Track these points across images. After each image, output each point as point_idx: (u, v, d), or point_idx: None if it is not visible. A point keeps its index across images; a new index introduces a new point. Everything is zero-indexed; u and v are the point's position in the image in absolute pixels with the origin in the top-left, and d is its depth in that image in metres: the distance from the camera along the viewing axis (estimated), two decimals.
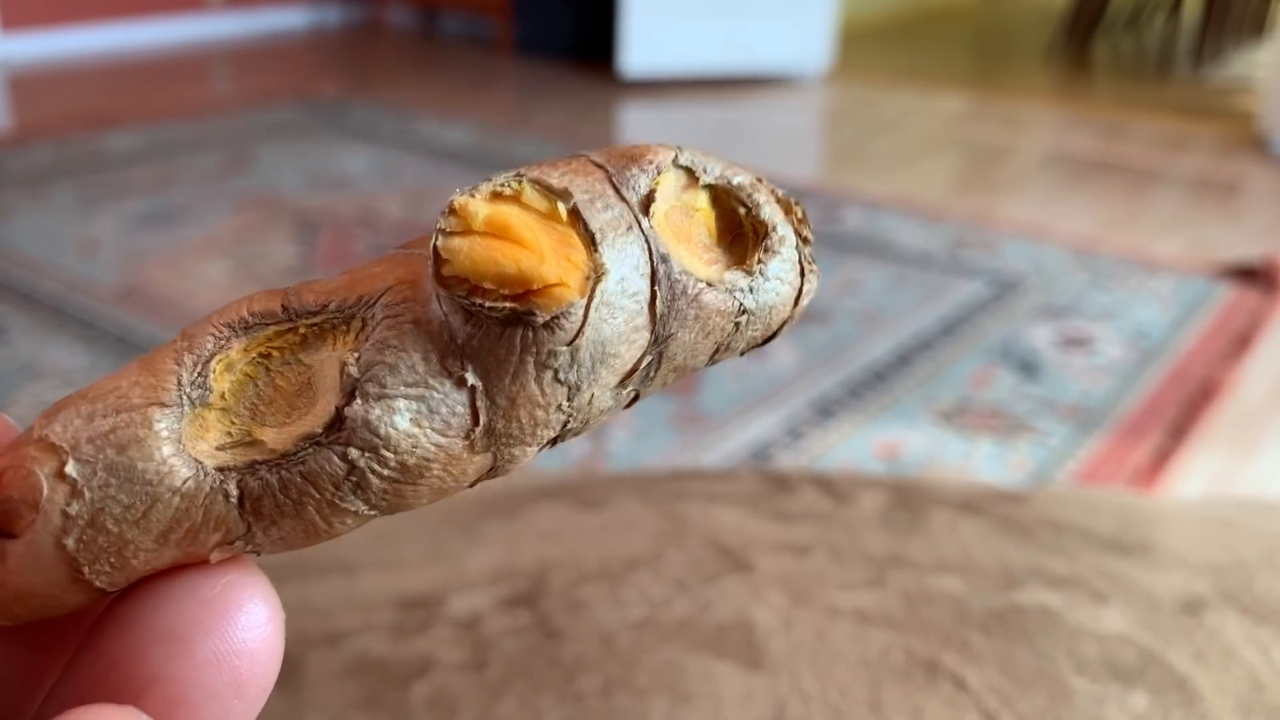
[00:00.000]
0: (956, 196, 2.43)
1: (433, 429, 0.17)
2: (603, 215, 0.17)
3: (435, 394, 0.17)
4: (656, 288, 0.18)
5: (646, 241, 0.18)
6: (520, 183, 0.17)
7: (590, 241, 0.17)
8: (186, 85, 3.33)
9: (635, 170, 0.19)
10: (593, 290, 0.17)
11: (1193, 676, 0.42)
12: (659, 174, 0.19)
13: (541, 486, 0.55)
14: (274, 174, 2.43)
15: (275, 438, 0.17)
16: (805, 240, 0.20)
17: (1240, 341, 1.68)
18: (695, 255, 0.19)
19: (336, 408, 0.16)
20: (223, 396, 0.17)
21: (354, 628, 0.45)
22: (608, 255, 0.17)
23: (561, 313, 0.16)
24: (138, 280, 1.83)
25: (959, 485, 0.55)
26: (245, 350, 0.17)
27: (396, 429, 0.16)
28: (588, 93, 3.32)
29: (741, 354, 0.20)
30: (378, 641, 0.45)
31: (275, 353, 0.18)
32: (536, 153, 2.64)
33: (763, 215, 0.20)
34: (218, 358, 0.17)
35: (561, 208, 0.17)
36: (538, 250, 0.17)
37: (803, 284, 0.20)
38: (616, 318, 0.17)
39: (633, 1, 3.25)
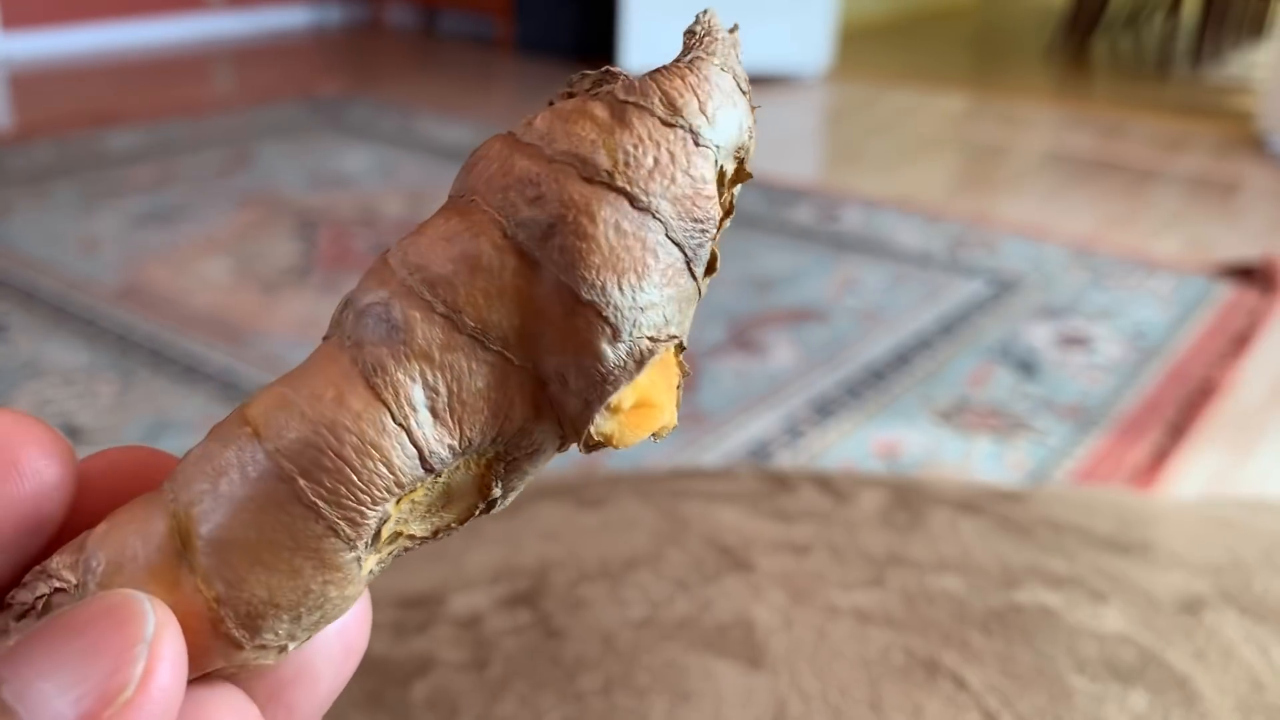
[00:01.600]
0: (955, 196, 2.43)
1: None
2: (687, 322, 0.19)
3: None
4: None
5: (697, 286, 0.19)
6: (669, 346, 0.18)
7: (681, 370, 0.18)
8: (187, 84, 3.33)
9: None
10: (679, 394, 0.18)
11: (1192, 676, 0.42)
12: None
13: (541, 486, 0.55)
14: (274, 172, 2.43)
15: (420, 529, 0.18)
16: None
17: (1239, 341, 1.69)
18: None
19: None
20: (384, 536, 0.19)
21: None
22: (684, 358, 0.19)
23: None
24: (138, 278, 1.83)
25: (958, 484, 0.56)
26: (396, 504, 0.18)
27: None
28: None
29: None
30: (378, 640, 0.45)
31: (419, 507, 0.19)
32: None
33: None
34: (385, 526, 0.18)
35: (675, 368, 0.18)
36: (670, 409, 0.18)
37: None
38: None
39: (633, 0, 3.25)
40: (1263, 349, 1.67)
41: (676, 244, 0.17)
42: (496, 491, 0.18)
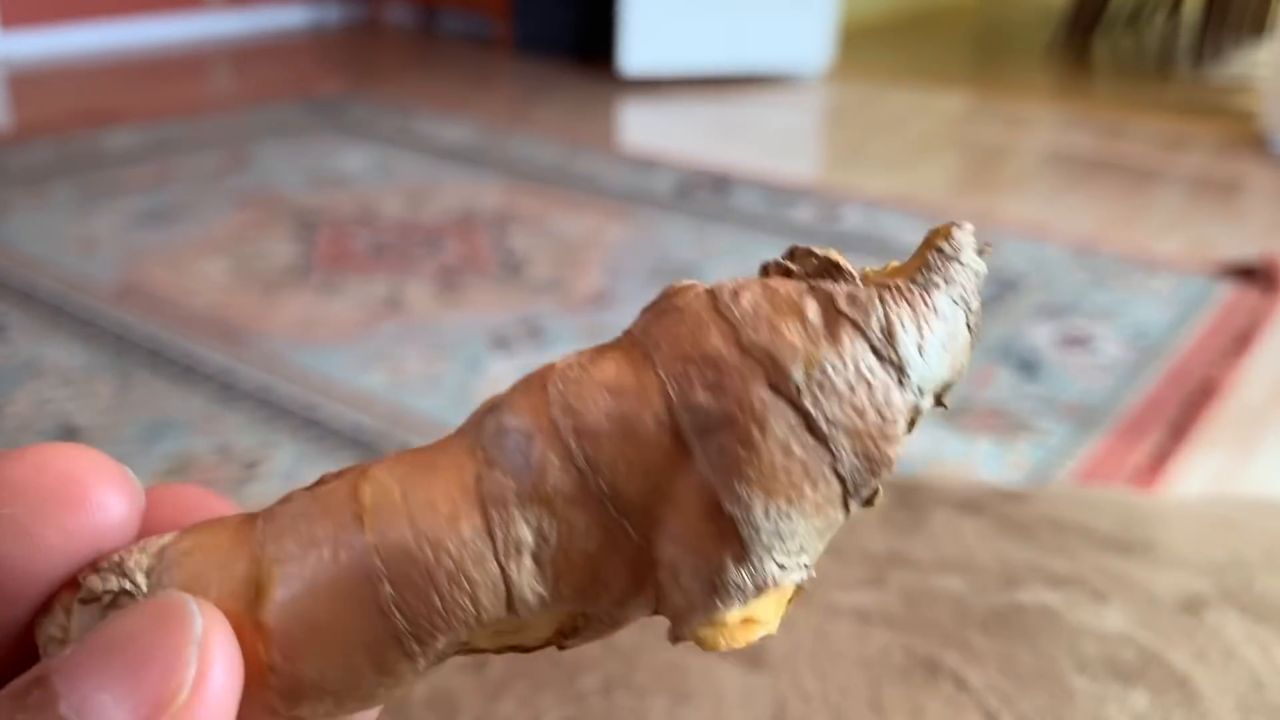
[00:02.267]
0: (956, 195, 2.43)
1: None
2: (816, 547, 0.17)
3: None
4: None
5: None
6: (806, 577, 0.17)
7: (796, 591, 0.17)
8: (186, 83, 3.33)
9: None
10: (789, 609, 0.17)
11: (1193, 676, 0.42)
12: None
13: None
14: (273, 172, 2.43)
15: (486, 643, 0.18)
16: None
17: (1240, 340, 1.68)
18: None
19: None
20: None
21: None
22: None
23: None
24: (137, 278, 1.83)
25: (960, 484, 0.55)
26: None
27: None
28: (587, 91, 3.31)
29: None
30: None
31: None
32: (537, 151, 2.64)
33: None
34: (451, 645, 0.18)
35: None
36: (774, 622, 0.17)
37: None
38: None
39: (633, 1, 3.25)
40: (1264, 348, 1.67)
41: (841, 478, 0.16)
42: (570, 642, 0.18)
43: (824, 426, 0.16)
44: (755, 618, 0.17)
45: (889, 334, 0.16)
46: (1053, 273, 1.95)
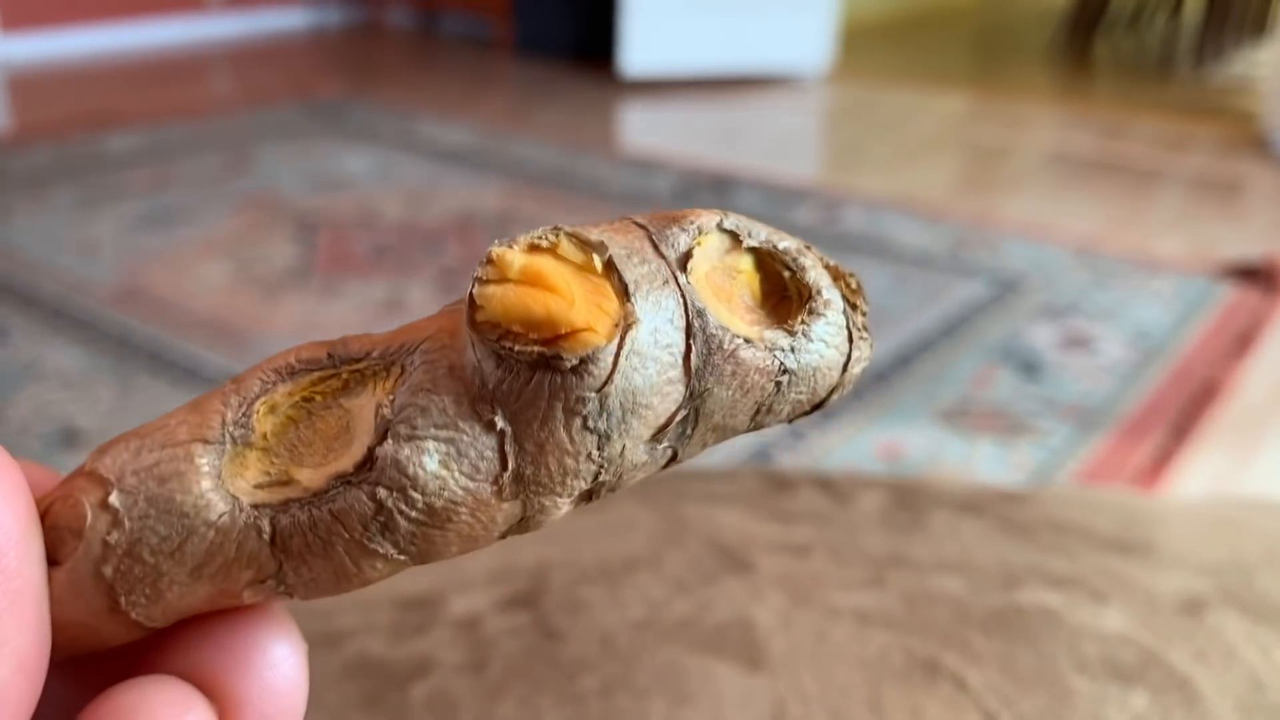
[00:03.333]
0: (957, 196, 2.43)
1: (461, 472, 0.17)
2: (638, 269, 0.17)
3: (464, 437, 0.17)
4: (692, 341, 0.18)
5: (682, 295, 0.18)
6: (557, 236, 0.17)
7: (623, 292, 0.17)
8: (186, 86, 3.33)
9: (676, 229, 0.19)
10: (623, 338, 0.17)
11: (1193, 676, 0.41)
12: (700, 234, 0.19)
13: None
14: (273, 175, 2.43)
15: (310, 477, 0.17)
16: (856, 308, 0.20)
17: (1242, 341, 1.68)
18: (737, 315, 0.19)
19: (368, 448, 0.17)
20: (265, 437, 0.18)
21: (353, 628, 0.45)
22: (640, 306, 0.17)
23: (589, 357, 0.16)
24: (137, 281, 1.83)
25: (960, 485, 0.55)
26: (289, 394, 0.18)
27: (425, 470, 0.17)
28: (588, 93, 3.32)
29: (790, 420, 0.20)
30: (377, 642, 0.45)
31: (318, 396, 0.18)
32: (537, 153, 2.64)
33: (807, 278, 0.19)
34: (262, 399, 0.18)
35: (597, 260, 0.17)
36: (569, 297, 0.17)
37: (851, 350, 0.20)
38: (649, 368, 0.17)
39: (633, 1, 3.25)
40: (1266, 349, 1.66)
41: None
42: (386, 411, 0.17)
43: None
44: (544, 279, 0.17)
45: None
46: (1053, 273, 1.94)
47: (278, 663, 0.18)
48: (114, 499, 0.17)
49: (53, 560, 0.17)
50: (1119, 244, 2.11)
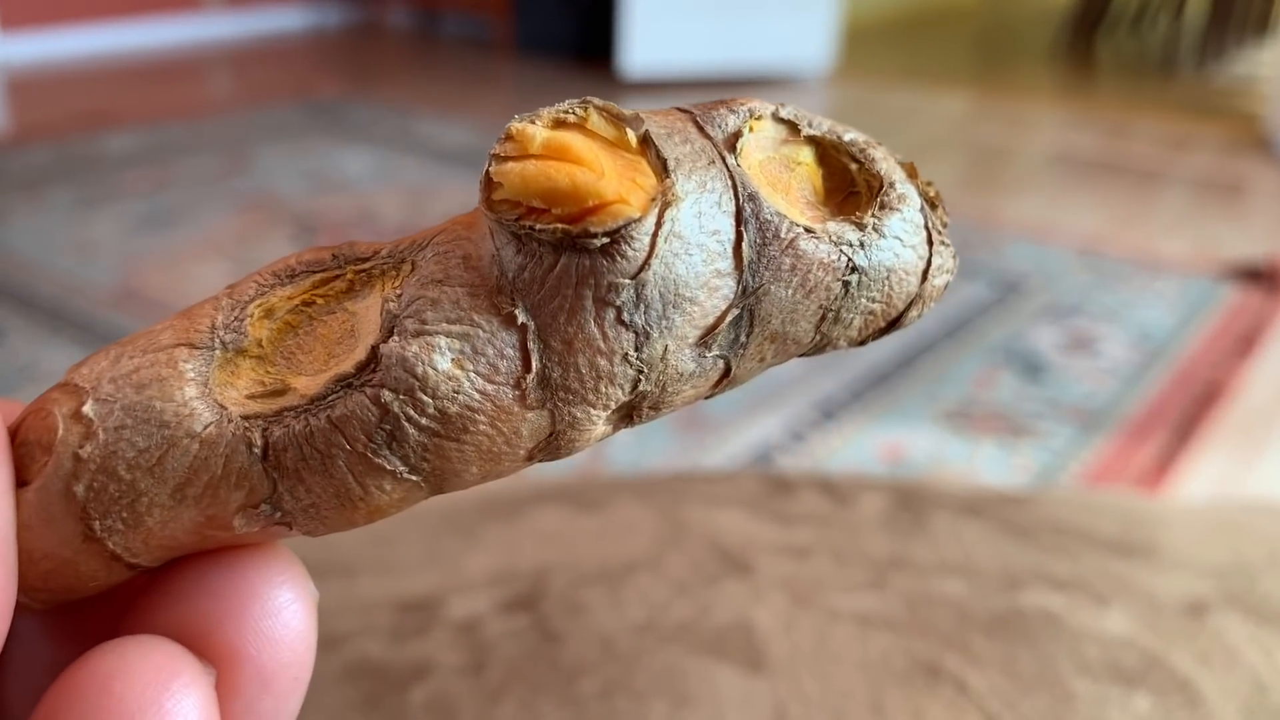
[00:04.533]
0: (960, 197, 2.43)
1: (477, 372, 0.15)
2: (680, 147, 0.15)
3: (481, 332, 0.15)
4: (743, 228, 0.15)
5: (731, 177, 0.15)
6: (586, 109, 0.15)
7: (662, 168, 0.15)
8: (185, 86, 3.33)
9: (723, 111, 0.16)
10: (661, 215, 0.15)
11: (1196, 679, 0.41)
12: (752, 117, 0.17)
13: (540, 489, 0.55)
14: (272, 175, 2.43)
15: (308, 384, 0.15)
16: (935, 209, 0.18)
17: (1245, 342, 1.68)
18: (795, 207, 0.16)
19: (372, 346, 0.15)
20: (260, 344, 0.16)
21: (352, 630, 0.45)
22: (682, 184, 0.15)
23: (621, 234, 0.14)
24: (135, 282, 1.83)
25: (961, 487, 0.55)
26: (289, 298, 0.16)
27: (435, 369, 0.15)
28: (588, 92, 3.31)
29: (861, 339, 0.17)
30: (376, 644, 0.45)
31: (319, 300, 0.16)
32: None
33: (878, 168, 0.17)
34: (257, 302, 0.16)
35: (631, 135, 0.15)
36: (597, 168, 0.15)
37: (932, 256, 0.17)
38: (692, 255, 0.15)
39: (633, 1, 3.25)
40: (1269, 350, 1.66)
41: None
42: (393, 305, 0.15)
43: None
44: (571, 151, 0.15)
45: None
46: (1056, 274, 1.94)
47: (279, 609, 0.16)
48: (88, 408, 0.15)
49: (22, 481, 0.15)
50: (1122, 245, 2.11)
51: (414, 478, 0.15)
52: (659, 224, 0.14)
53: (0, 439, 0.14)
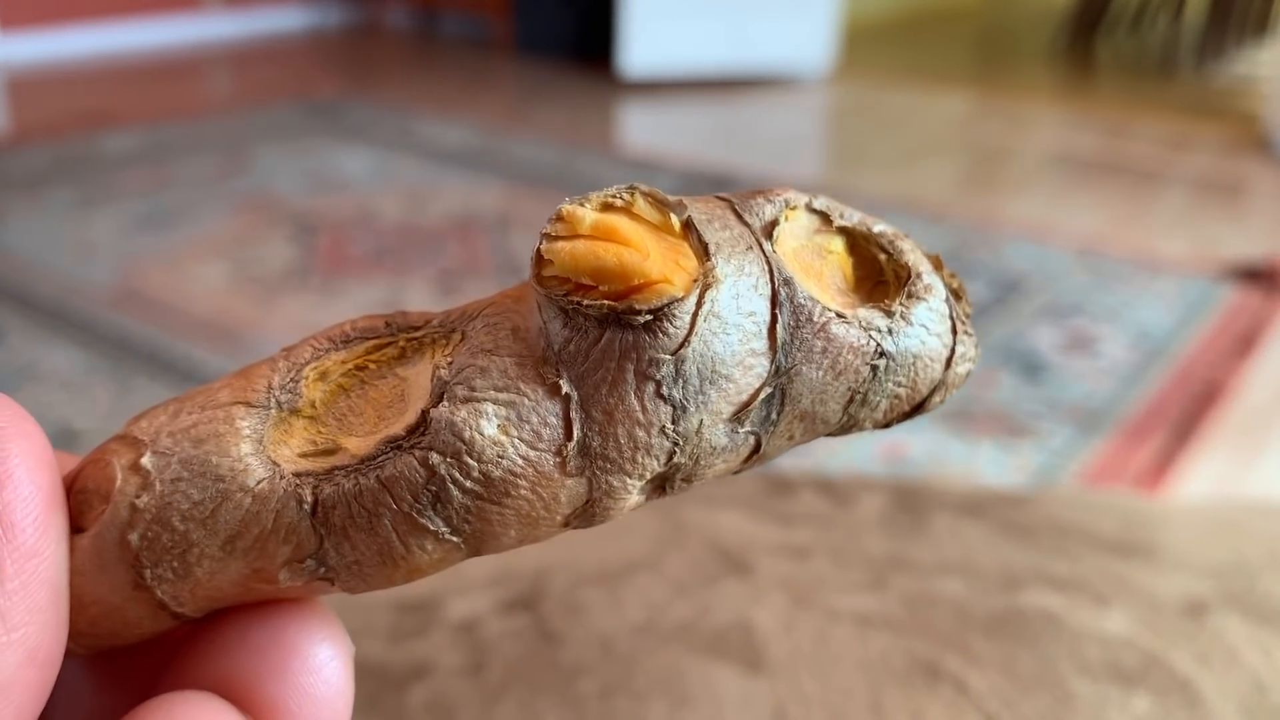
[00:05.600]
0: (959, 197, 2.43)
1: (521, 439, 0.15)
2: (720, 233, 0.16)
3: (526, 401, 0.15)
4: (778, 311, 0.16)
5: (768, 262, 0.16)
6: (633, 194, 0.16)
7: (704, 251, 0.16)
8: (184, 86, 3.33)
9: (761, 200, 0.18)
10: (702, 296, 0.15)
11: (1195, 679, 0.41)
12: (789, 208, 0.18)
13: None
14: (272, 175, 2.43)
15: (359, 445, 0.16)
16: (960, 299, 0.19)
17: (1245, 342, 1.68)
18: (827, 293, 0.17)
19: (422, 410, 0.16)
20: (313, 405, 0.17)
21: (352, 630, 0.45)
22: (722, 267, 0.16)
23: (664, 312, 0.15)
24: (135, 282, 1.83)
25: (961, 487, 0.55)
26: (342, 361, 0.17)
27: (482, 434, 0.15)
28: (588, 93, 3.31)
29: (886, 421, 0.18)
30: (376, 644, 0.45)
31: (372, 364, 0.17)
32: (537, 153, 2.64)
33: (906, 259, 0.18)
34: (312, 365, 0.17)
35: (675, 220, 0.16)
36: (643, 249, 0.16)
37: (956, 344, 0.18)
38: (730, 334, 0.16)
39: (633, 1, 3.25)
40: (1269, 351, 1.66)
41: None
42: (444, 373, 0.16)
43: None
44: (617, 233, 0.16)
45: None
46: (1055, 274, 1.94)
47: (319, 666, 0.16)
48: (146, 460, 0.16)
49: (78, 527, 0.16)
50: (1121, 245, 2.11)
51: (455, 539, 0.16)
52: (699, 304, 0.15)
53: (57, 487, 0.15)
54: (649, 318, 0.15)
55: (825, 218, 0.18)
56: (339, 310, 1.73)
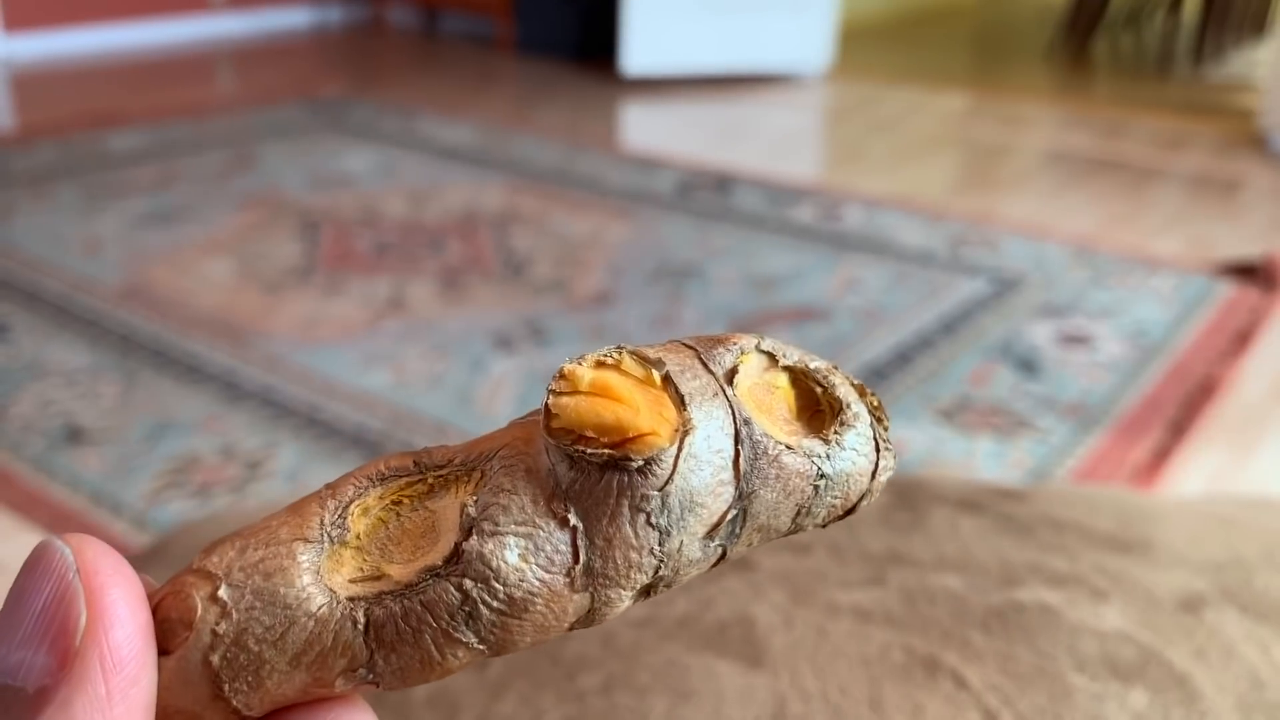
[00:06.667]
0: (957, 195, 2.43)
1: (538, 564, 0.19)
2: (692, 383, 0.20)
3: (541, 533, 0.19)
4: (740, 447, 0.20)
5: (731, 406, 0.20)
6: (620, 354, 0.20)
7: (680, 403, 0.19)
8: (189, 85, 3.33)
9: (721, 350, 0.21)
10: (681, 442, 0.19)
11: (1192, 674, 0.42)
12: (742, 354, 0.21)
13: None
14: (276, 173, 2.43)
15: (400, 572, 0.19)
16: (880, 421, 0.22)
17: (1240, 339, 1.69)
18: (776, 425, 0.21)
19: (455, 543, 0.19)
20: (358, 537, 0.20)
21: None
22: (695, 415, 0.19)
23: (654, 458, 0.19)
24: (141, 279, 1.83)
25: (959, 483, 0.56)
26: (380, 498, 0.20)
27: (507, 562, 0.19)
28: (589, 92, 3.32)
29: (824, 524, 0.21)
30: None
31: (406, 500, 0.20)
32: (538, 151, 2.64)
33: (838, 393, 0.22)
34: (356, 503, 0.20)
35: (656, 375, 0.20)
36: (634, 406, 0.19)
37: (879, 460, 0.22)
38: (703, 470, 0.19)
39: (634, 1, 3.25)
40: (1264, 347, 1.67)
41: None
42: (472, 510, 0.19)
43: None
44: (610, 389, 0.19)
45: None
46: (1053, 272, 1.95)
47: None
48: (223, 592, 0.18)
49: (163, 650, 0.18)
50: (1118, 242, 2.11)
51: (481, 647, 0.19)
52: (680, 448, 0.19)
53: (146, 621, 0.18)
54: (642, 463, 0.19)
55: (771, 358, 0.22)
56: (343, 306, 1.74)
